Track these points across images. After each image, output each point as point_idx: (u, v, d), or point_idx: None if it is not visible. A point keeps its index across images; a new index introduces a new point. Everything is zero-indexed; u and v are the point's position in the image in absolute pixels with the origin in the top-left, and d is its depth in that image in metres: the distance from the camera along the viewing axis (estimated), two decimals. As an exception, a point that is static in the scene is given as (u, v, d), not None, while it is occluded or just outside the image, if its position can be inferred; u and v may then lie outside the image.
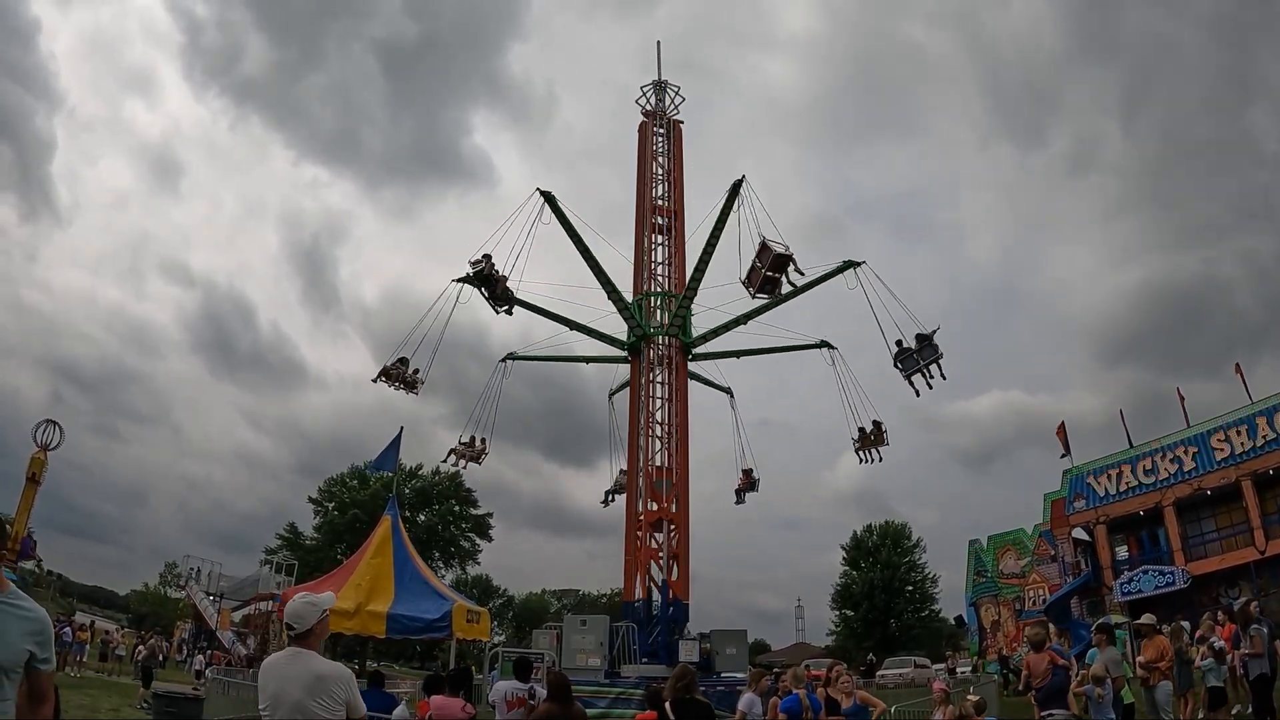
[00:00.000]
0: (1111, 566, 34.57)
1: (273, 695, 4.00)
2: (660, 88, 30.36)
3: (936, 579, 59.53)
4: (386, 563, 15.42)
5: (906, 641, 54.66)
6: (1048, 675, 9.32)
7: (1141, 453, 34.56)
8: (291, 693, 3.94)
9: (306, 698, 3.92)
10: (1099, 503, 35.69)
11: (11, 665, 2.99)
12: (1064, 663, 9.82)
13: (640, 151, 29.47)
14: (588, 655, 21.39)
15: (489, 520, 64.18)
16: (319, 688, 3.96)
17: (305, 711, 3.90)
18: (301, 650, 4.11)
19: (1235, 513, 31.12)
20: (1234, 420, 31.24)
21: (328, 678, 4.02)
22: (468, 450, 27.56)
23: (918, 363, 22.99)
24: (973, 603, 41.01)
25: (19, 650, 3.01)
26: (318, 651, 4.17)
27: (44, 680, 3.15)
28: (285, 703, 3.94)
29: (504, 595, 77.52)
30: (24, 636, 3.03)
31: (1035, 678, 9.47)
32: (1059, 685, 9.39)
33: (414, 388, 25.64)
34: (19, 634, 3.02)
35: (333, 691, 3.99)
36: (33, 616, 3.09)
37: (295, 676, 3.99)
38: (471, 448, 27.62)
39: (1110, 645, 11.24)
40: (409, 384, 25.45)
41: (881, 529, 61.35)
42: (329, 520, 58.75)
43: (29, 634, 3.05)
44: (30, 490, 24.08)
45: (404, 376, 25.23)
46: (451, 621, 14.34)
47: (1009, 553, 39.69)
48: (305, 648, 4.12)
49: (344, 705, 4.02)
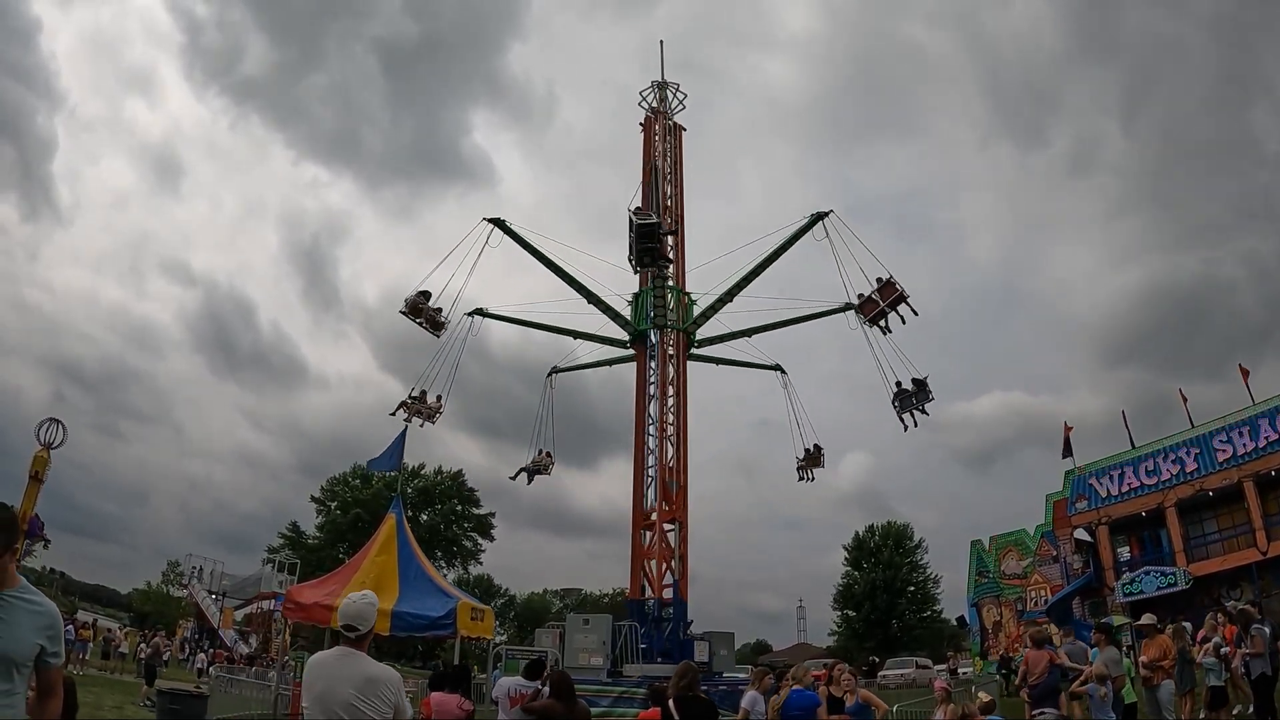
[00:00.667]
0: (1113, 567, 34.57)
1: (320, 694, 3.96)
2: (663, 88, 30.40)
3: (938, 579, 59.65)
4: (391, 560, 15.48)
5: (908, 642, 54.65)
6: (1045, 673, 9.40)
7: (1144, 454, 34.57)
8: (341, 692, 3.90)
9: (356, 698, 3.88)
10: (1101, 504, 35.69)
11: (22, 659, 2.99)
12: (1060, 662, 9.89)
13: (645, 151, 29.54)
14: (590, 654, 21.42)
15: (491, 520, 64.39)
16: (370, 689, 3.93)
17: (354, 712, 3.86)
18: (352, 651, 4.06)
19: (1237, 514, 31.11)
20: (1236, 421, 31.25)
21: (379, 680, 3.99)
22: (419, 405, 26.41)
23: (912, 403, 24.44)
24: (974, 603, 40.98)
25: (29, 644, 3.00)
26: (367, 652, 4.12)
27: (54, 675, 3.15)
28: (335, 701, 3.89)
29: (506, 595, 77.61)
30: (35, 630, 3.02)
31: (1032, 674, 9.54)
32: (1053, 684, 9.46)
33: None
34: (30, 628, 3.01)
35: (383, 694, 3.95)
36: (43, 610, 3.09)
37: (346, 677, 3.95)
38: (423, 403, 26.43)
39: (1110, 644, 11.28)
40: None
41: (884, 529, 61.37)
42: (331, 519, 58.95)
43: (40, 628, 3.05)
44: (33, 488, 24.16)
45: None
46: (456, 619, 14.39)
47: (1011, 553, 39.69)
48: (356, 649, 4.07)
49: (392, 708, 3.98)
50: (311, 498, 62.19)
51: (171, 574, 62.16)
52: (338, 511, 58.83)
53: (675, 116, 30.28)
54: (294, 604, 15.94)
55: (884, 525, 61.97)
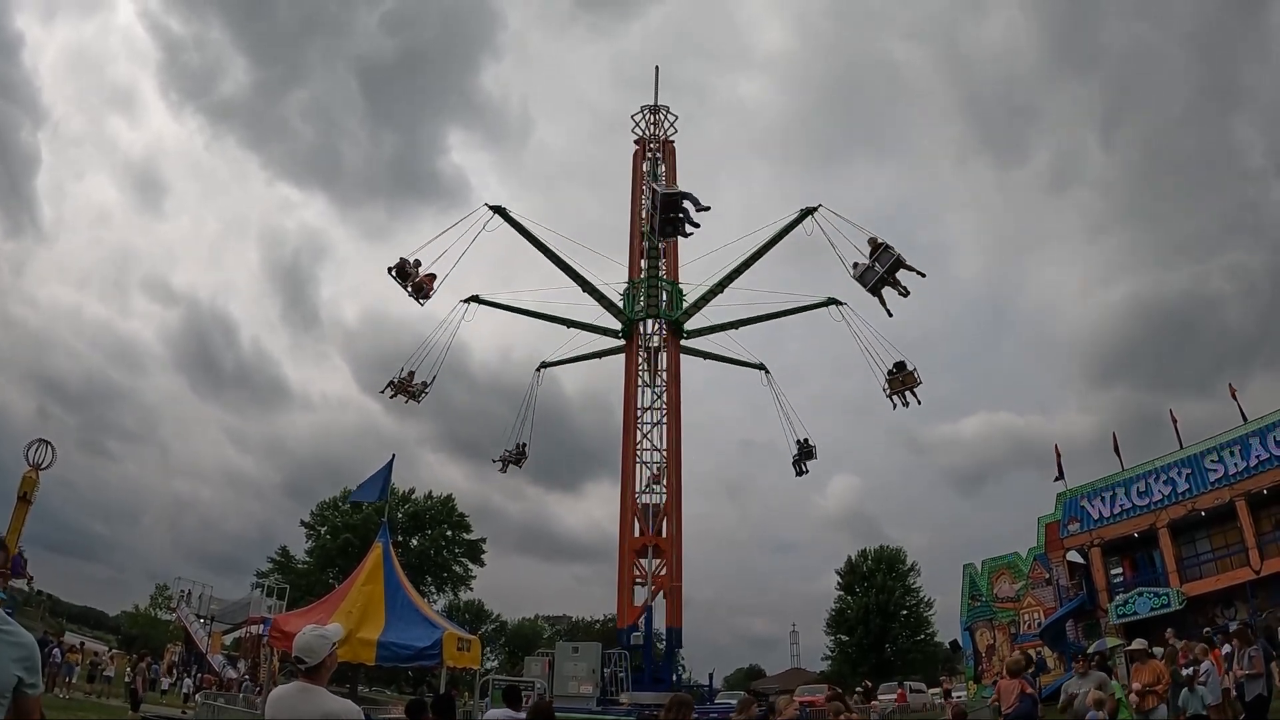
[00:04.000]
0: (1107, 589, 34.47)
1: None
2: (656, 111, 30.97)
3: (932, 603, 59.47)
4: (378, 589, 15.35)
5: (902, 666, 54.35)
6: (1017, 702, 9.40)
7: (1135, 475, 34.57)
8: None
9: None
10: (1093, 525, 35.65)
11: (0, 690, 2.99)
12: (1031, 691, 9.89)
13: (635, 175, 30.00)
14: (580, 683, 21.23)
15: (482, 545, 63.93)
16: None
17: None
18: (309, 686, 3.99)
19: (1230, 533, 31.09)
20: (1228, 440, 31.29)
21: (337, 716, 3.91)
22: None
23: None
24: (968, 627, 40.81)
25: (7, 675, 2.99)
26: (325, 685, 4.04)
27: (31, 705, 3.12)
28: None
29: (496, 620, 76.92)
30: (12, 662, 3.01)
31: (1005, 704, 9.54)
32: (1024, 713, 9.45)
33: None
34: (6, 659, 3.00)
35: None
36: (19, 641, 3.07)
37: (305, 712, 3.88)
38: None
39: (1095, 669, 11.22)
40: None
41: (876, 553, 61.34)
42: (321, 544, 58.47)
43: (17, 659, 3.03)
44: (22, 509, 24.12)
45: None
46: (442, 649, 14.26)
47: (1004, 576, 39.57)
48: (314, 683, 4.00)
49: None
50: (301, 522, 61.80)
51: (160, 597, 61.59)
52: (327, 536, 58.38)
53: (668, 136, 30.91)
54: (280, 632, 15.84)
55: (876, 549, 62.06)
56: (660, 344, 27.46)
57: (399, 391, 27.56)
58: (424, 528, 61.55)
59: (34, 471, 24.11)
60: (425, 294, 25.77)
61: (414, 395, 27.78)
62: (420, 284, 25.55)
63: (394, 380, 27.50)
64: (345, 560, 48.73)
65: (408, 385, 27.56)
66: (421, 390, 27.85)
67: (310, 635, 4.09)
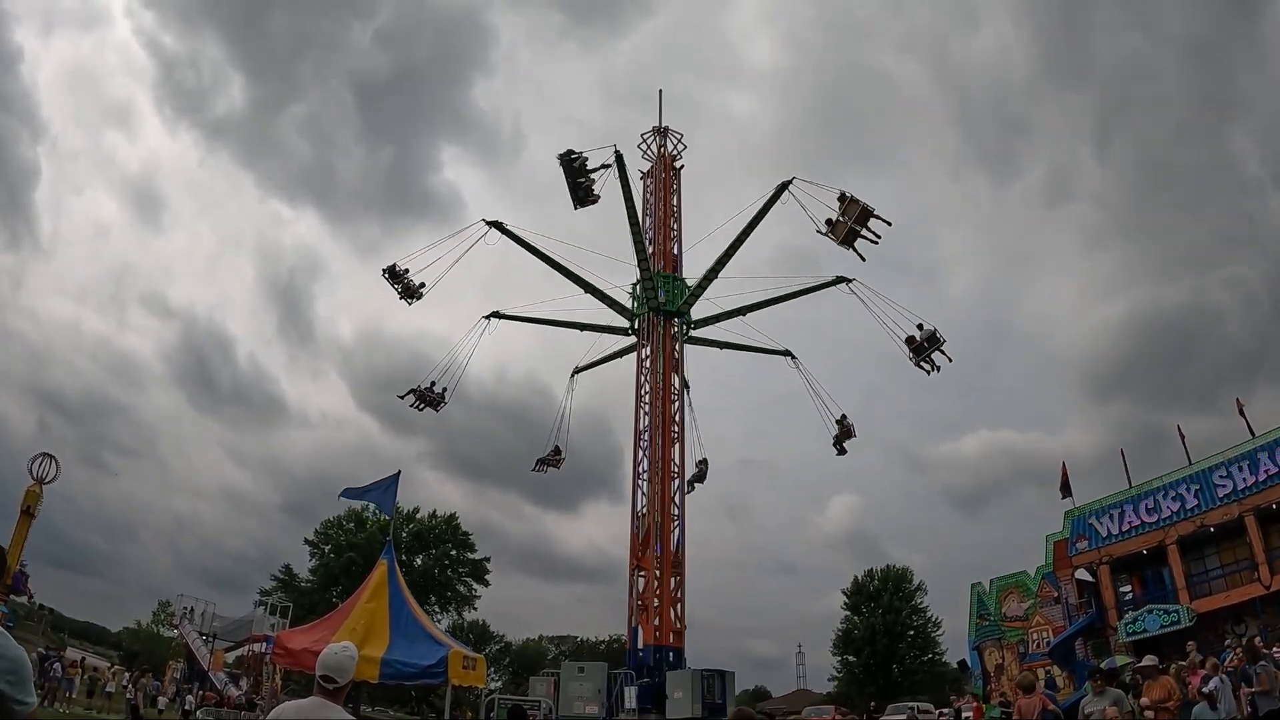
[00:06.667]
0: (1116, 607, 34.19)
1: None
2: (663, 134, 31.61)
3: (939, 623, 59.02)
4: (382, 606, 15.28)
5: (910, 686, 53.88)
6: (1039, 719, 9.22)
7: (1143, 491, 34.37)
8: None
9: None
10: (1101, 543, 35.40)
11: None
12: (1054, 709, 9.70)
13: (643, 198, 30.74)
14: (585, 703, 21.06)
15: (486, 565, 63.60)
16: None
17: None
18: (327, 704, 3.93)
19: (1239, 549, 30.83)
20: (1236, 456, 31.10)
21: None
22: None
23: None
24: (976, 646, 40.48)
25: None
26: (342, 704, 4.00)
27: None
28: None
29: (500, 641, 76.44)
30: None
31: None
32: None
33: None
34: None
35: None
36: (7, 655, 2.97)
37: None
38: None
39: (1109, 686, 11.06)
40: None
41: (883, 573, 60.94)
42: (325, 562, 58.25)
43: (1, 673, 2.92)
44: (24, 523, 24.05)
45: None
46: (447, 667, 14.13)
47: (1012, 595, 39.27)
48: (332, 700, 3.95)
49: None
50: (305, 540, 61.55)
51: (162, 614, 61.30)
52: (331, 555, 58.16)
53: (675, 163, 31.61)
54: (283, 650, 15.76)
55: (883, 569, 61.62)
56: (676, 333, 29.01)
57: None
58: (428, 547, 61.30)
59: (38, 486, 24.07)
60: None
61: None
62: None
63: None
64: (349, 579, 48.45)
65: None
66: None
67: (341, 655, 4.02)
